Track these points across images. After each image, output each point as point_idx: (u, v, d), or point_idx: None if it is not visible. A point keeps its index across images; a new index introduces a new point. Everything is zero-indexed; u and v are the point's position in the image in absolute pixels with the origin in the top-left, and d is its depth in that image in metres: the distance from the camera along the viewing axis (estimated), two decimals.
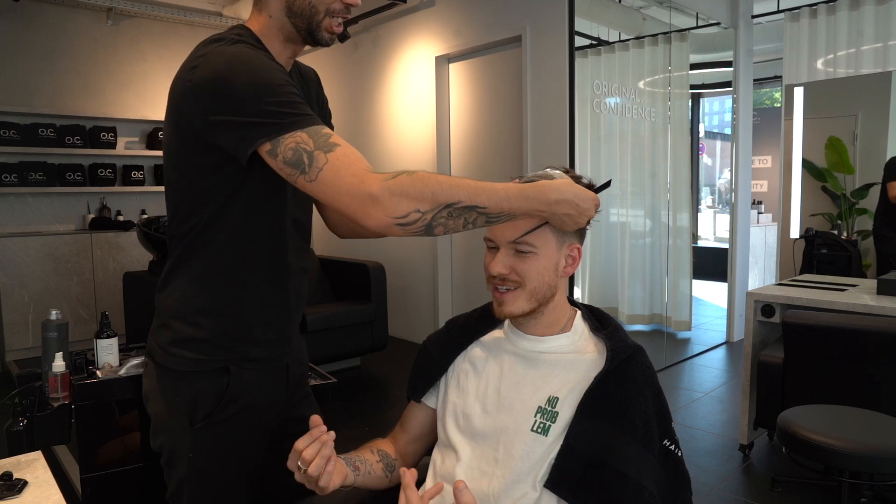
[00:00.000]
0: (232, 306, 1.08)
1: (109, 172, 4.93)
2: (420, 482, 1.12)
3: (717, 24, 4.62)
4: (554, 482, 0.94)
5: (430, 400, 1.16)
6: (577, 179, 1.04)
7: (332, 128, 1.11)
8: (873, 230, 4.10)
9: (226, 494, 1.12)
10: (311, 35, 1.04)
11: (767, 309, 2.70)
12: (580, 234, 1.06)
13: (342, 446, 0.98)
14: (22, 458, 1.13)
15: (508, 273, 1.02)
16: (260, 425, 1.14)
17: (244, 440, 1.11)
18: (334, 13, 1.03)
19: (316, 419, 0.93)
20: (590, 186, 1.05)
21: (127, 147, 5.20)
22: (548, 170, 1.06)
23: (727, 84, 4.99)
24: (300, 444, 0.91)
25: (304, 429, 0.96)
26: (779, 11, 4.49)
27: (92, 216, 4.92)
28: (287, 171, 0.91)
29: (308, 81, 1.20)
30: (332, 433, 0.93)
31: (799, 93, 4.49)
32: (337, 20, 1.04)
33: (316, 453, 0.90)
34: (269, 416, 1.16)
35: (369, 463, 1.09)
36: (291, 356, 1.20)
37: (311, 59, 5.67)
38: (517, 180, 1.00)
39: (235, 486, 1.13)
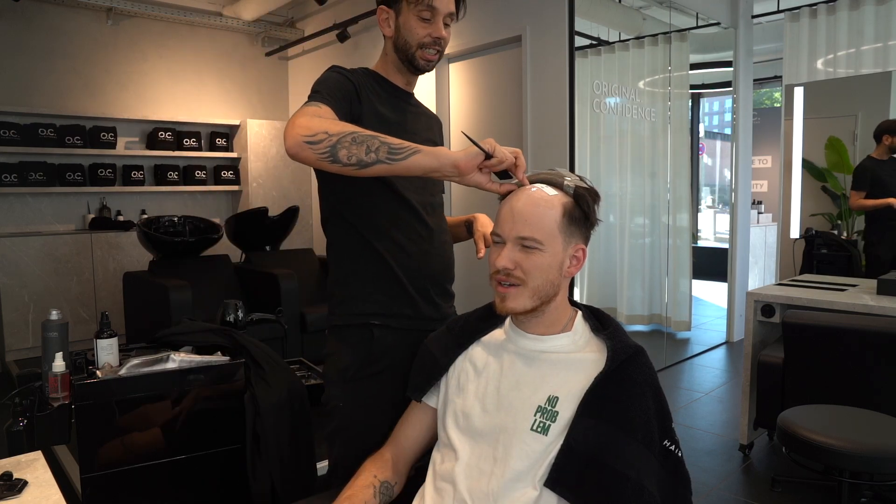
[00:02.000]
0: (368, 272, 1.30)
1: (109, 172, 4.93)
2: (420, 482, 1.12)
3: (717, 24, 4.62)
4: (554, 481, 0.95)
5: (430, 399, 1.16)
6: (581, 179, 1.07)
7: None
8: (864, 234, 4.12)
9: (367, 440, 1.25)
10: (411, 64, 1.33)
11: (767, 309, 2.70)
12: (586, 236, 1.07)
13: None
14: (22, 458, 1.13)
15: (513, 268, 1.02)
16: (401, 385, 1.26)
17: (386, 396, 1.27)
18: (425, 45, 1.31)
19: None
20: (591, 190, 1.06)
21: (127, 147, 5.20)
22: (557, 169, 1.09)
23: (727, 84, 4.99)
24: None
25: None
26: (779, 11, 4.49)
27: (92, 216, 4.92)
28: None
29: (427, 117, 1.47)
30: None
31: (799, 93, 4.49)
32: (430, 50, 1.31)
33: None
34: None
35: None
36: (435, 326, 1.30)
37: (309, 59, 5.67)
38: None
39: (378, 436, 1.25)
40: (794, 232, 4.62)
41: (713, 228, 8.09)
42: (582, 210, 1.04)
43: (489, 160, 1.05)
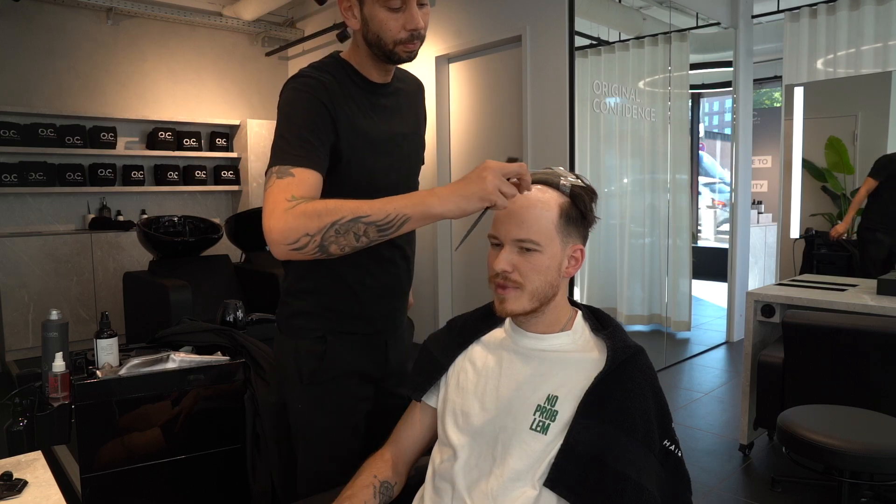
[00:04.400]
0: (328, 287, 1.28)
1: (109, 172, 4.93)
2: (420, 482, 1.12)
3: (717, 24, 4.62)
4: (553, 481, 0.95)
5: (430, 399, 1.16)
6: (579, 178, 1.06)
7: (424, 131, 1.41)
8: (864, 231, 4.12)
9: (330, 443, 1.30)
10: (388, 58, 1.19)
11: (767, 309, 2.70)
12: (584, 235, 1.07)
13: None
14: (22, 458, 1.13)
15: (511, 271, 1.02)
16: (357, 390, 1.31)
17: (342, 400, 1.30)
18: (403, 41, 1.16)
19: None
20: (588, 189, 1.06)
21: (127, 147, 5.20)
22: (554, 168, 1.08)
23: (727, 84, 4.98)
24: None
25: (397, 403, 1.27)
26: (779, 11, 4.49)
27: (92, 216, 4.92)
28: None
29: (408, 94, 1.35)
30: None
31: (799, 93, 4.49)
32: (409, 45, 1.17)
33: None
34: (366, 384, 1.34)
35: None
36: (391, 335, 1.36)
37: (309, 59, 5.66)
38: None
39: (339, 438, 1.30)
40: (794, 232, 4.62)
41: (713, 229, 8.09)
42: (579, 210, 1.04)
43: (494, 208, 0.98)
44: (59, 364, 1.76)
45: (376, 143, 1.23)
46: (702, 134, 8.42)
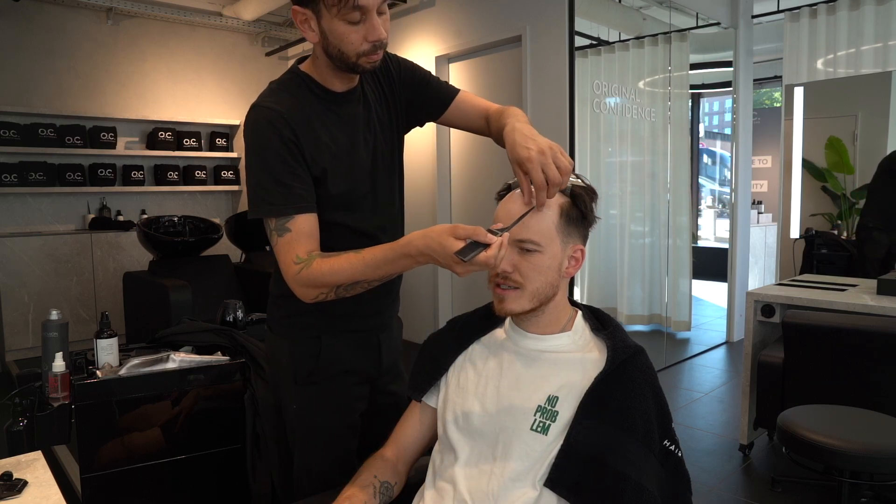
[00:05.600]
0: None
1: (109, 172, 4.93)
2: (420, 482, 1.12)
3: (717, 24, 4.62)
4: (554, 481, 0.95)
5: (430, 399, 1.16)
6: (579, 177, 1.06)
7: (445, 82, 1.40)
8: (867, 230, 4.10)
9: (326, 443, 1.30)
10: (352, 70, 1.17)
11: (767, 309, 2.70)
12: (584, 235, 1.07)
13: None
14: (22, 458, 1.13)
15: (511, 271, 1.02)
16: (353, 388, 1.32)
17: (339, 399, 1.31)
18: (366, 53, 1.12)
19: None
20: (588, 189, 1.06)
21: (127, 147, 5.20)
22: None
23: (727, 84, 4.98)
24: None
25: (391, 401, 1.35)
26: (779, 11, 4.49)
27: (92, 216, 4.92)
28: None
29: (377, 86, 1.31)
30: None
31: (799, 93, 4.49)
32: (372, 56, 1.14)
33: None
34: (361, 383, 1.34)
35: None
36: (384, 333, 1.37)
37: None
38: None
39: (336, 437, 1.31)
40: (794, 232, 4.61)
41: (713, 228, 8.09)
42: (579, 210, 1.04)
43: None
44: (59, 364, 1.76)
45: (343, 156, 1.21)
46: (702, 134, 8.42)
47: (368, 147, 1.27)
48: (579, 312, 1.11)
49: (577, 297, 4.05)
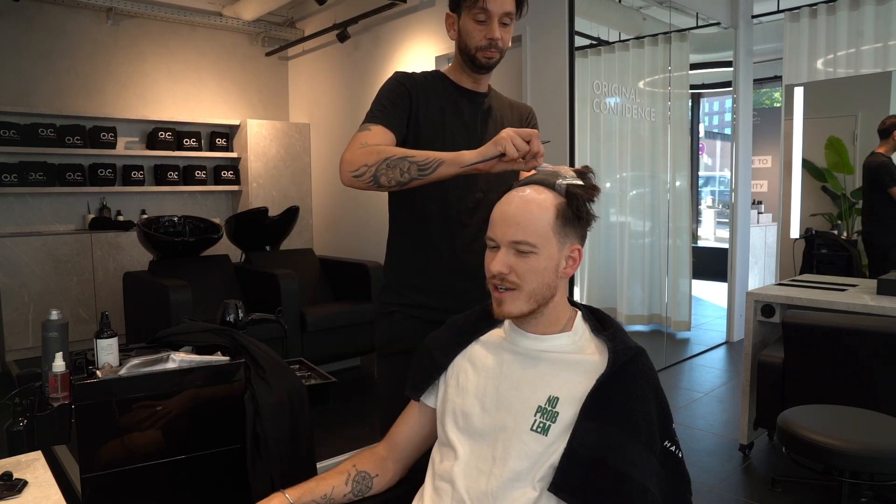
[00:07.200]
0: (409, 256, 1.50)
1: (109, 172, 4.93)
2: (419, 482, 1.12)
3: (717, 24, 4.62)
4: (558, 486, 0.94)
5: (429, 399, 1.16)
6: (584, 175, 1.07)
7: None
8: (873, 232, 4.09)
9: (393, 414, 1.32)
10: (472, 63, 1.45)
11: (767, 309, 2.70)
12: (581, 235, 1.06)
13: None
14: (22, 458, 1.13)
15: (508, 273, 1.02)
16: None
17: (405, 374, 1.37)
18: (482, 48, 1.42)
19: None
20: (585, 187, 1.06)
21: (127, 147, 5.20)
22: (553, 166, 1.09)
23: (727, 84, 4.99)
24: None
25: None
26: (779, 11, 4.49)
27: (92, 216, 4.92)
28: None
29: (498, 111, 1.56)
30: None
31: (799, 93, 4.49)
32: (487, 52, 1.42)
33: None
34: None
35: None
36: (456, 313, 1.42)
37: (309, 59, 5.67)
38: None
39: (399, 411, 1.35)
40: (794, 232, 4.61)
41: (713, 228, 8.09)
42: (574, 210, 1.04)
43: (504, 157, 1.19)
44: (59, 364, 1.76)
45: (440, 131, 1.45)
46: (702, 134, 8.42)
47: (471, 138, 1.47)
48: (579, 313, 1.11)
49: (576, 297, 4.05)
